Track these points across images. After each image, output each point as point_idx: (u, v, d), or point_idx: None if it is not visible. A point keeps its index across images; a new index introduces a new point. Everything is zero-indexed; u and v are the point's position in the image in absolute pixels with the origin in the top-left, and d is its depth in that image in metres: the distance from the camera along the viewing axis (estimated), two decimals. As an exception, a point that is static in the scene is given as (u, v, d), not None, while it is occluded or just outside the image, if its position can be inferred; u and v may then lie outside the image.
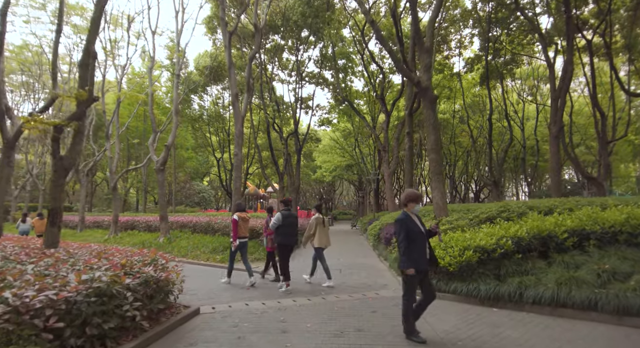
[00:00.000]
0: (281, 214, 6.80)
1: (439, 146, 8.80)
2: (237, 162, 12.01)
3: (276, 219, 6.79)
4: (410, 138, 13.57)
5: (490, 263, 6.01)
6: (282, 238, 6.83)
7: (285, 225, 6.76)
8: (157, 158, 14.72)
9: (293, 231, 6.95)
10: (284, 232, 6.79)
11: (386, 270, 9.38)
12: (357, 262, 10.92)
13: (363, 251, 13.79)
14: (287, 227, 6.79)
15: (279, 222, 6.75)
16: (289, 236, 6.89)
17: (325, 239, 7.37)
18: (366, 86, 30.68)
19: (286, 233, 6.81)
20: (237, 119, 11.96)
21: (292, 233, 6.94)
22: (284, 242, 6.85)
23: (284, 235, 6.82)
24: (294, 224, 6.94)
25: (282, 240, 6.84)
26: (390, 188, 18.81)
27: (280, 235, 6.83)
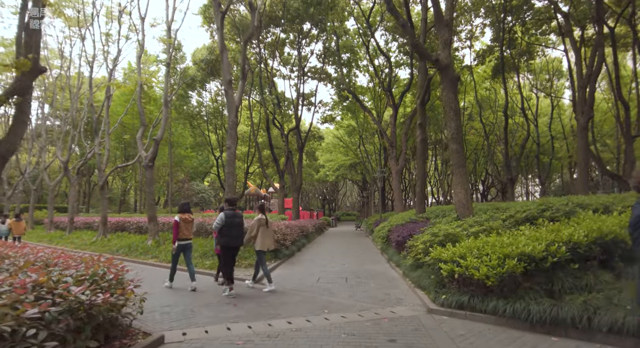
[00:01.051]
0: (224, 214, 6.40)
1: (460, 134, 7.53)
2: (230, 156, 10.78)
3: (219, 219, 6.36)
4: (423, 130, 12.30)
5: (539, 275, 4.72)
6: (225, 239, 6.41)
7: (229, 226, 6.36)
8: (145, 153, 13.53)
9: (238, 232, 6.50)
10: (227, 233, 6.38)
11: (399, 278, 8.08)
12: (365, 268, 9.64)
13: (370, 255, 12.51)
14: (231, 228, 6.38)
15: (221, 223, 6.35)
16: (233, 237, 6.44)
17: (268, 241, 6.95)
18: (371, 81, 29.46)
19: (230, 234, 6.39)
20: (230, 108, 10.74)
21: (237, 235, 6.48)
22: (227, 243, 6.42)
23: (228, 236, 6.39)
24: (239, 225, 6.54)
25: (226, 242, 6.41)
26: (398, 187, 17.50)
27: (223, 236, 6.41)
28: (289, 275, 8.65)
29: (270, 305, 5.89)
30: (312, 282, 7.84)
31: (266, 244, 6.89)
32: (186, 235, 7.05)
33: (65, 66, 21.21)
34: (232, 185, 10.74)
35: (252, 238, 6.91)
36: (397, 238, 9.39)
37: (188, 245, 7.12)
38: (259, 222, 6.87)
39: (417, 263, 7.20)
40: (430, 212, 12.19)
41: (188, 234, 7.08)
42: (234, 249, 6.61)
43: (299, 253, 13.13)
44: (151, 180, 13.38)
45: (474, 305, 4.84)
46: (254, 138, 26.97)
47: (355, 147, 32.81)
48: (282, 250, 11.41)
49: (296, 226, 15.11)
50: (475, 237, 5.83)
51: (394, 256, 9.91)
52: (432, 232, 6.57)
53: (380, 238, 12.66)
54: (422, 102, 12.19)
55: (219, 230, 6.43)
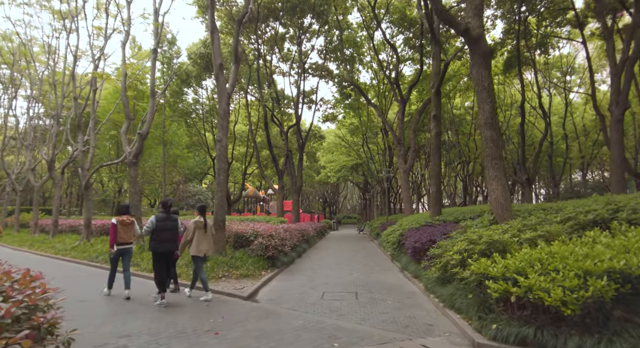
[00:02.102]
0: (155, 217, 6.06)
1: (495, 119, 6.20)
2: (221, 149, 9.45)
3: (149, 223, 5.97)
4: (438, 122, 10.96)
5: (637, 301, 3.37)
6: (153, 244, 6.00)
7: (161, 230, 5.99)
8: (129, 149, 12.21)
9: (170, 236, 6.11)
10: (157, 237, 5.99)
11: (420, 294, 6.72)
12: (376, 279, 8.28)
13: (379, 262, 11.14)
14: (162, 232, 6.00)
15: (152, 226, 5.97)
16: (165, 242, 6.04)
17: (205, 246, 6.43)
18: (374, 78, 28.20)
19: (161, 239, 6.00)
20: (221, 96, 9.42)
21: (169, 239, 6.10)
22: (155, 248, 6.01)
23: (156, 240, 5.99)
24: (172, 229, 6.17)
25: (154, 247, 6.00)
26: (406, 187, 16.15)
27: (154, 241, 6.00)
28: (287, 289, 7.29)
29: (262, 333, 4.53)
30: (316, 298, 6.48)
31: (202, 249, 6.33)
32: (125, 239, 6.58)
33: (53, 61, 19.91)
34: (223, 183, 9.41)
35: (187, 242, 6.37)
36: (415, 245, 8.03)
37: (127, 250, 6.66)
38: (195, 224, 6.34)
39: (445, 276, 5.85)
40: (448, 214, 10.85)
41: (127, 238, 6.61)
42: (163, 254, 6.08)
43: (300, 261, 11.77)
44: (135, 179, 12.05)
45: (543, 342, 3.48)
46: (252, 137, 25.64)
47: (358, 147, 31.48)
48: (280, 257, 10.06)
49: (296, 230, 13.77)
50: (530, 245, 4.48)
51: (409, 265, 8.54)
52: (468, 239, 5.22)
53: (390, 244, 11.30)
54: (436, 91, 10.88)
55: (150, 234, 5.99)
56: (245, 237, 10.00)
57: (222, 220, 9.30)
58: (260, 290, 7.28)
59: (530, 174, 17.44)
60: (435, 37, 11.00)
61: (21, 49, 20.90)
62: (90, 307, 5.90)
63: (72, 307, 5.77)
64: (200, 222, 6.41)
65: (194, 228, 6.34)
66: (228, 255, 9.11)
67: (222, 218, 9.30)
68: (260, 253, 9.26)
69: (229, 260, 8.80)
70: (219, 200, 9.29)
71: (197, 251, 6.33)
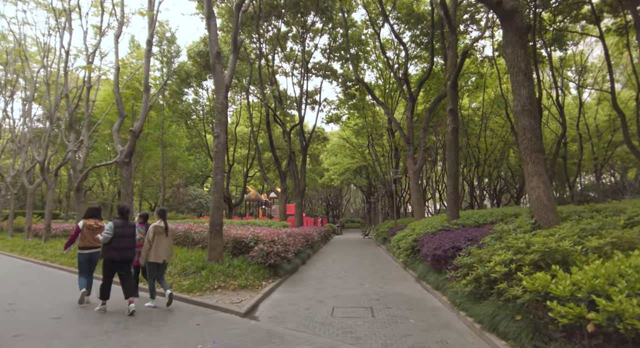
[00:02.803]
0: (113, 223, 5.80)
1: (535, 105, 5.31)
2: (218, 146, 8.59)
3: (108, 229, 5.73)
4: (455, 117, 10.05)
5: None
6: (113, 253, 5.72)
7: (119, 237, 5.76)
8: (121, 147, 11.39)
9: (127, 244, 5.86)
10: (117, 244, 5.73)
11: (446, 310, 5.80)
12: (391, 290, 7.35)
13: (391, 271, 10.21)
14: (121, 239, 5.78)
15: (111, 233, 5.70)
16: (120, 250, 5.78)
17: (163, 252, 6.07)
18: (380, 78, 27.39)
19: (119, 246, 5.75)
20: (219, 87, 8.58)
21: (125, 247, 5.84)
22: (115, 257, 5.72)
23: (116, 248, 5.74)
24: (131, 236, 5.95)
25: (114, 256, 5.71)
26: (417, 189, 15.21)
27: (112, 249, 5.74)
28: (291, 303, 6.38)
29: None
30: (325, 315, 5.57)
31: (160, 255, 6.01)
32: (92, 243, 6.27)
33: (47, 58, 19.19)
34: (220, 182, 8.53)
35: (149, 249, 5.99)
36: (435, 252, 7.11)
37: (94, 254, 6.36)
38: (155, 229, 6.00)
39: (479, 290, 4.93)
40: (466, 218, 9.92)
41: (94, 242, 6.27)
42: (120, 263, 5.79)
43: (304, 268, 10.85)
44: (128, 180, 11.20)
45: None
46: (254, 139, 24.81)
47: (363, 149, 30.59)
48: (283, 265, 9.16)
49: (300, 234, 12.87)
50: (600, 256, 3.57)
51: (428, 275, 7.61)
52: (513, 247, 4.31)
53: (403, 250, 10.36)
54: (453, 83, 9.99)
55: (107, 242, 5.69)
56: (244, 242, 9.11)
57: (219, 224, 8.42)
58: (261, 304, 6.38)
59: (549, 174, 16.43)
60: (451, 25, 10.16)
61: (16, 48, 20.24)
62: (60, 326, 5.01)
63: (38, 327, 4.91)
64: (161, 226, 6.08)
65: (154, 233, 5.98)
66: (225, 263, 8.22)
67: (219, 222, 8.43)
68: (261, 261, 8.37)
69: (226, 268, 7.91)
70: (216, 201, 8.42)
71: (155, 257, 5.97)
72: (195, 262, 8.49)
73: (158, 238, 6.02)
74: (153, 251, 5.97)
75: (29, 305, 6.23)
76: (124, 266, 5.87)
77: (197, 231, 11.24)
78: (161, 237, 6.06)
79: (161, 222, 6.16)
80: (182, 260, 8.89)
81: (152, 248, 5.97)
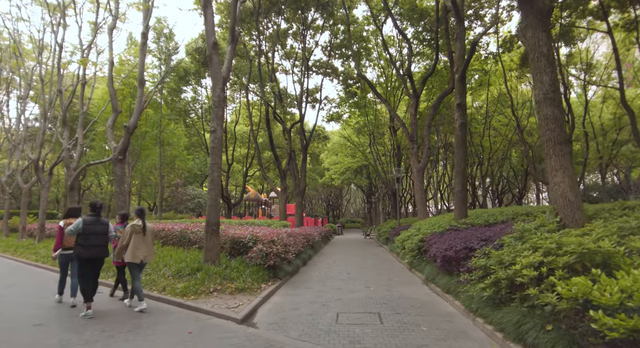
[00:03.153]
0: (82, 220, 5.60)
1: (558, 93, 4.86)
2: (215, 142, 8.14)
3: (74, 226, 5.52)
4: (463, 112, 9.59)
5: None
6: (78, 249, 5.52)
7: (89, 234, 5.53)
8: (115, 144, 10.94)
9: (97, 242, 5.60)
10: (83, 241, 5.49)
11: (460, 316, 5.35)
12: (398, 293, 6.91)
13: (396, 272, 9.76)
14: (90, 237, 5.53)
15: (76, 230, 5.50)
16: (92, 248, 5.53)
17: (143, 252, 5.89)
18: (382, 76, 26.96)
19: (85, 243, 5.49)
20: (215, 79, 8.14)
21: (97, 245, 5.59)
22: (82, 254, 5.47)
23: (82, 245, 5.49)
24: (102, 233, 5.70)
25: (81, 252, 5.47)
26: (421, 188, 14.75)
27: (79, 246, 5.52)
28: (292, 307, 5.94)
29: None
30: (329, 321, 5.12)
31: (138, 255, 5.80)
32: (71, 244, 6.07)
33: (40, 55, 18.75)
34: (217, 180, 8.08)
35: (124, 247, 5.87)
36: (446, 253, 6.67)
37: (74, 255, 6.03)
38: (132, 228, 5.86)
39: (498, 296, 4.49)
40: (475, 217, 9.47)
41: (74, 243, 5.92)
42: (90, 261, 5.50)
43: (305, 270, 10.41)
44: (122, 178, 10.76)
45: None
46: (254, 137, 24.34)
47: (364, 148, 30.14)
48: (283, 266, 8.71)
49: (300, 235, 12.43)
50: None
51: (438, 278, 7.17)
52: (543, 248, 3.86)
53: (408, 251, 9.92)
54: (461, 76, 9.54)
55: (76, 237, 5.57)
56: (242, 243, 8.66)
57: (216, 224, 7.98)
58: (259, 309, 5.93)
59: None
60: (458, 16, 9.72)
61: (11, 44, 19.79)
62: (39, 334, 4.57)
63: (16, 335, 4.48)
64: (138, 225, 5.92)
65: (131, 232, 5.85)
66: (222, 265, 7.78)
67: (216, 221, 7.98)
68: (260, 262, 7.92)
69: (223, 270, 7.47)
70: (212, 199, 7.98)
71: (132, 257, 5.77)
72: (190, 263, 8.04)
73: (136, 238, 5.85)
74: (130, 251, 5.79)
75: (10, 310, 5.79)
76: (95, 265, 5.60)
77: (194, 231, 10.79)
78: (139, 237, 5.89)
79: (139, 221, 5.98)
80: (177, 261, 8.44)
81: (130, 248, 5.80)
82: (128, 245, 5.85)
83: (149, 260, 6.02)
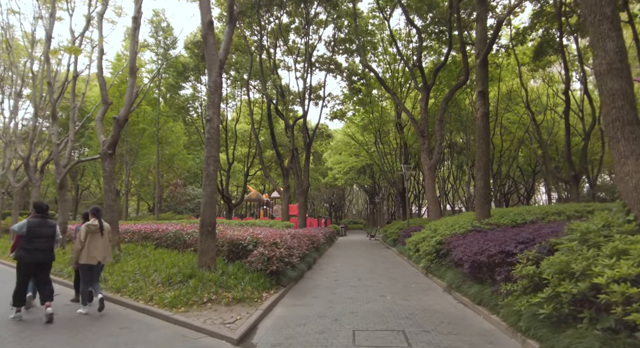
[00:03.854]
0: (28, 221, 5.22)
1: (626, 63, 3.98)
2: (211, 132, 7.25)
3: (18, 226, 5.18)
4: (485, 100, 8.67)
5: None
6: (20, 253, 5.13)
7: (33, 237, 5.13)
8: (104, 138, 10.08)
9: (44, 245, 5.25)
10: (26, 245, 5.11)
11: (504, 336, 4.43)
12: (420, 304, 6.00)
13: (411, 278, 8.84)
14: (35, 240, 5.14)
15: (19, 231, 5.12)
16: (36, 251, 5.15)
17: (100, 252, 5.63)
18: (387, 72, 26.06)
19: (32, 247, 5.12)
20: (211, 63, 7.26)
21: (42, 249, 5.22)
22: (24, 258, 5.12)
23: (25, 249, 5.11)
24: (48, 236, 5.33)
25: (22, 256, 5.11)
26: (432, 187, 13.82)
27: (21, 249, 5.13)
28: (299, 322, 5.03)
29: None
30: (344, 342, 4.22)
31: (94, 256, 5.56)
32: None
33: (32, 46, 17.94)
34: (213, 174, 7.19)
35: (80, 250, 5.53)
36: (476, 258, 5.76)
37: None
38: (87, 228, 5.61)
39: (559, 313, 3.58)
40: (500, 216, 8.54)
41: None
42: (32, 266, 5.18)
43: (310, 274, 9.51)
44: (111, 174, 9.90)
45: None
46: (255, 135, 23.44)
47: (369, 147, 29.20)
48: (287, 271, 7.81)
49: (305, 236, 11.54)
50: None
51: (465, 286, 6.25)
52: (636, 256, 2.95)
53: (425, 254, 9.00)
54: (482, 61, 8.63)
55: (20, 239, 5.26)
56: (242, 245, 7.76)
57: (212, 224, 7.09)
58: (260, 324, 5.04)
59: (578, 169, 15.07)
60: (480, -5, 8.84)
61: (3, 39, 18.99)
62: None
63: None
64: (94, 225, 5.67)
65: (86, 233, 5.56)
66: (218, 270, 6.88)
67: (212, 221, 7.09)
68: (261, 268, 7.02)
69: (219, 277, 6.57)
70: (208, 196, 7.09)
71: (87, 258, 5.49)
72: (183, 268, 7.14)
73: (92, 239, 5.59)
74: (86, 252, 5.49)
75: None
76: (39, 269, 5.26)
77: (189, 232, 9.92)
78: (95, 237, 5.64)
79: (95, 220, 5.73)
80: (169, 266, 7.55)
81: (85, 249, 5.50)
82: (83, 247, 5.53)
83: (106, 260, 5.77)
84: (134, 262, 8.54)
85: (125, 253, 9.76)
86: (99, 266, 5.67)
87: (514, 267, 4.85)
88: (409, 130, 26.48)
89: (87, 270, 5.55)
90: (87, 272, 5.56)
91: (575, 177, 14.28)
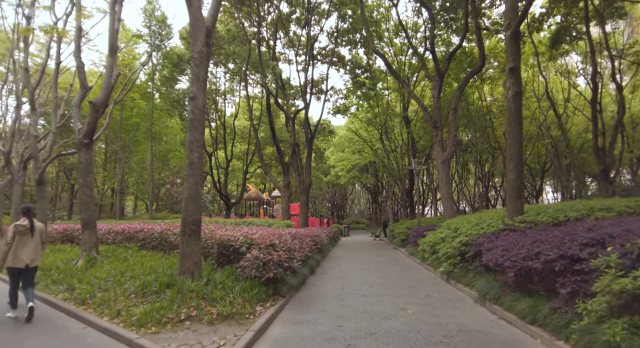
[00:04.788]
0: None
1: None
2: (195, 112, 6.09)
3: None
4: (517, 78, 7.46)
5: None
6: None
7: None
8: (80, 125, 8.91)
9: None
10: None
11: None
12: (452, 320, 4.80)
13: (428, 283, 7.63)
14: None
15: None
16: None
17: (28, 254, 5.19)
18: (393, 63, 24.82)
19: None
20: (196, 30, 6.11)
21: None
22: None
23: None
24: None
25: None
26: (447, 182, 12.58)
27: None
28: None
29: None
30: (365, 385, 3.00)
31: (22, 259, 5.15)
32: None
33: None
34: (197, 163, 6.01)
35: (7, 252, 5.14)
36: (526, 263, 4.54)
37: None
38: (15, 228, 5.19)
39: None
40: (536, 213, 7.31)
41: None
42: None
43: (314, 280, 8.30)
44: (88, 166, 8.72)
45: None
46: (255, 132, 22.23)
47: (373, 143, 27.96)
48: (287, 278, 6.61)
49: (307, 236, 10.36)
50: None
51: (507, 299, 5.02)
52: None
53: (447, 258, 7.77)
54: (514, 33, 7.39)
55: None
56: (233, 247, 6.55)
57: (196, 222, 5.89)
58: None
59: (607, 162, 13.84)
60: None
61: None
62: None
63: None
64: (23, 225, 5.27)
65: (14, 233, 5.20)
66: (203, 279, 5.67)
67: (196, 219, 5.90)
68: (255, 274, 5.82)
69: (203, 286, 5.37)
70: (191, 189, 5.89)
71: (13, 261, 5.13)
72: (161, 275, 5.97)
73: (20, 240, 5.22)
74: (12, 254, 5.12)
75: None
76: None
77: (175, 232, 8.75)
78: (24, 238, 5.26)
79: (25, 220, 5.33)
80: (146, 272, 6.38)
81: (12, 251, 5.12)
82: (10, 248, 5.12)
83: (35, 263, 5.39)
84: (109, 267, 7.38)
85: (104, 256, 8.59)
86: (28, 270, 5.24)
87: (584, 277, 3.65)
88: (416, 125, 25.28)
89: (13, 273, 5.19)
90: (14, 275, 5.21)
91: (604, 171, 13.05)
